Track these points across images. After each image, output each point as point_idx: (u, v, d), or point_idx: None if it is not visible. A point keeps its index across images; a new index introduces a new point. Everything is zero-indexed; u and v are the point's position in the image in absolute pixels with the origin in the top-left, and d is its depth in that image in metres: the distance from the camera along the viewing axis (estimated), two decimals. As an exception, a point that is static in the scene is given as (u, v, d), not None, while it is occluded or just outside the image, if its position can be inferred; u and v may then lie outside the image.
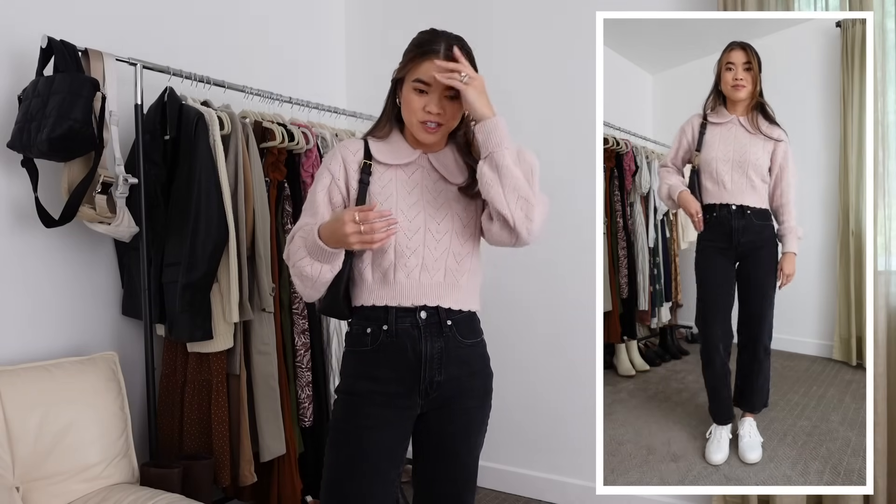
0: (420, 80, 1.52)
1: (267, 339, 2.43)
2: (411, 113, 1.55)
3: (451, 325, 1.57)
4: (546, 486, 3.02)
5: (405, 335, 1.55)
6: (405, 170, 1.61)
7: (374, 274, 1.57)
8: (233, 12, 2.88)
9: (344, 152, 1.63)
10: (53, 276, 2.25)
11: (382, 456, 1.55)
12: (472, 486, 1.67)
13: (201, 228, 2.21)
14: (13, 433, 1.88)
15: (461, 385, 1.60)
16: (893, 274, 2.38)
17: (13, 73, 2.13)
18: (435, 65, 1.50)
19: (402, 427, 1.59)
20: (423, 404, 1.59)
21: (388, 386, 1.55)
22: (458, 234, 1.59)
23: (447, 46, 1.52)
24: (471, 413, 1.64)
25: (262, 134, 2.54)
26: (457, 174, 1.62)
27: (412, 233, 1.56)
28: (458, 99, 1.53)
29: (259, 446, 2.41)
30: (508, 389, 3.08)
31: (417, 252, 1.55)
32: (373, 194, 1.59)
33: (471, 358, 1.62)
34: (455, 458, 1.63)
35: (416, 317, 1.55)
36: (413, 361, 1.55)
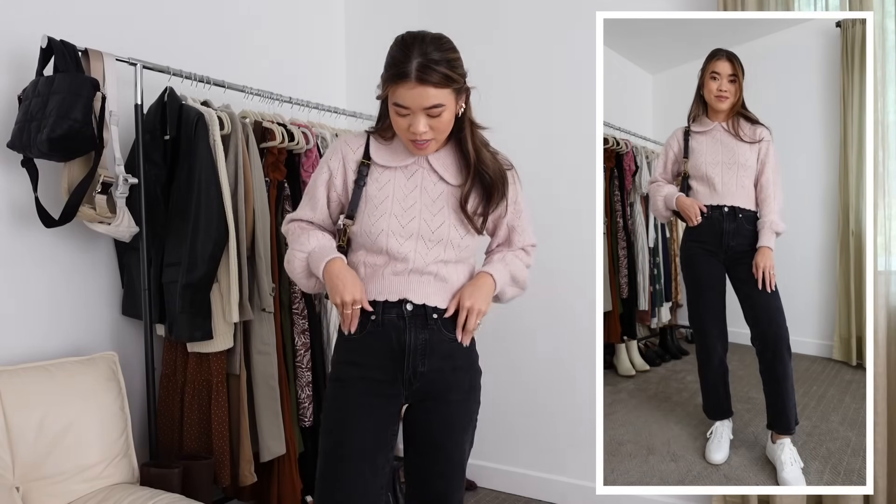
0: (398, 105, 1.48)
1: (267, 339, 2.43)
2: (399, 131, 1.54)
3: (436, 318, 1.59)
4: (546, 486, 3.02)
5: (391, 325, 1.57)
6: (405, 171, 1.61)
7: (367, 270, 1.60)
8: (233, 12, 2.88)
9: (345, 149, 1.63)
10: (53, 276, 2.25)
11: (367, 439, 1.58)
12: (458, 481, 1.67)
13: (201, 228, 2.21)
14: (13, 433, 1.88)
15: (445, 378, 1.61)
16: (893, 274, 2.38)
17: (13, 73, 2.13)
18: (408, 92, 1.44)
19: (388, 413, 1.61)
20: (408, 395, 1.61)
21: (373, 373, 1.58)
22: (453, 240, 1.59)
23: (418, 67, 1.43)
24: (454, 406, 1.64)
25: (262, 134, 2.53)
26: (456, 174, 1.62)
27: (404, 239, 1.57)
28: (444, 111, 1.49)
29: (259, 446, 2.41)
30: (508, 389, 3.08)
31: (408, 258, 1.56)
32: (369, 196, 1.59)
33: (455, 352, 1.62)
34: (440, 450, 1.63)
35: (402, 309, 1.57)
36: (397, 351, 1.57)
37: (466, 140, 1.58)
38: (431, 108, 1.47)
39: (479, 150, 1.59)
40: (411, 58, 1.44)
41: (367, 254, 1.60)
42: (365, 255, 1.60)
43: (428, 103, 1.46)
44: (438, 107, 1.47)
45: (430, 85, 1.45)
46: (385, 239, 1.56)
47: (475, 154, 1.59)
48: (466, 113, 1.58)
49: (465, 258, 1.64)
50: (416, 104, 1.46)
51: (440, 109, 1.48)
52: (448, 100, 1.49)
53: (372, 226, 1.57)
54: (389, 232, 1.56)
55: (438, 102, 1.47)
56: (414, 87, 1.44)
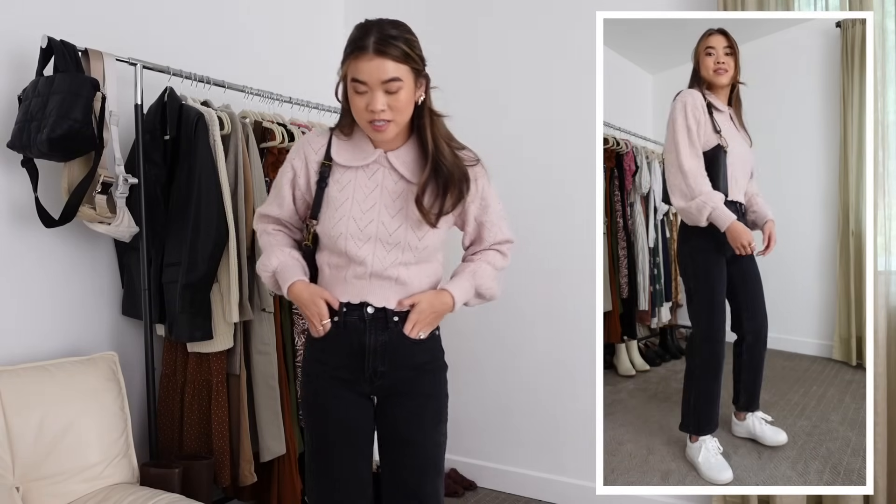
0: (356, 80, 1.50)
1: (267, 339, 2.43)
2: (357, 113, 1.54)
3: (397, 321, 1.61)
4: (546, 486, 3.02)
5: (352, 327, 1.61)
6: (366, 171, 1.61)
7: (331, 271, 1.63)
8: (233, 12, 2.88)
9: (307, 150, 1.66)
10: (53, 276, 2.25)
11: (348, 429, 1.63)
12: (432, 474, 1.67)
13: (201, 228, 2.21)
14: (13, 433, 1.88)
15: (407, 376, 1.63)
16: (893, 274, 2.38)
17: (13, 73, 2.13)
18: (366, 64, 1.46)
19: (362, 404, 1.65)
20: (371, 391, 1.65)
21: (338, 371, 1.63)
22: (411, 242, 1.59)
23: (376, 40, 1.46)
24: (420, 400, 1.65)
25: (262, 134, 2.54)
26: (416, 172, 1.60)
27: (363, 242, 1.58)
28: (402, 89, 1.50)
29: (259, 446, 2.41)
30: (508, 389, 3.09)
31: (367, 260, 1.58)
32: (330, 198, 1.61)
33: (417, 352, 1.64)
34: (409, 445, 1.64)
35: (363, 311, 1.60)
36: (357, 351, 1.61)
37: (425, 129, 1.58)
38: (389, 82, 1.47)
39: (437, 140, 1.59)
40: (370, 34, 1.48)
41: (330, 254, 1.63)
42: (328, 256, 1.63)
43: (386, 76, 1.47)
44: (396, 81, 1.48)
45: (389, 58, 1.46)
46: (344, 242, 1.57)
47: (433, 144, 1.58)
48: (426, 102, 1.59)
49: (427, 258, 1.64)
50: (374, 77, 1.47)
51: (398, 85, 1.48)
52: (406, 77, 1.49)
53: (332, 228, 1.59)
54: (348, 235, 1.57)
55: (396, 76, 1.47)
56: (372, 59, 1.46)
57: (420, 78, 1.55)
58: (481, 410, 3.15)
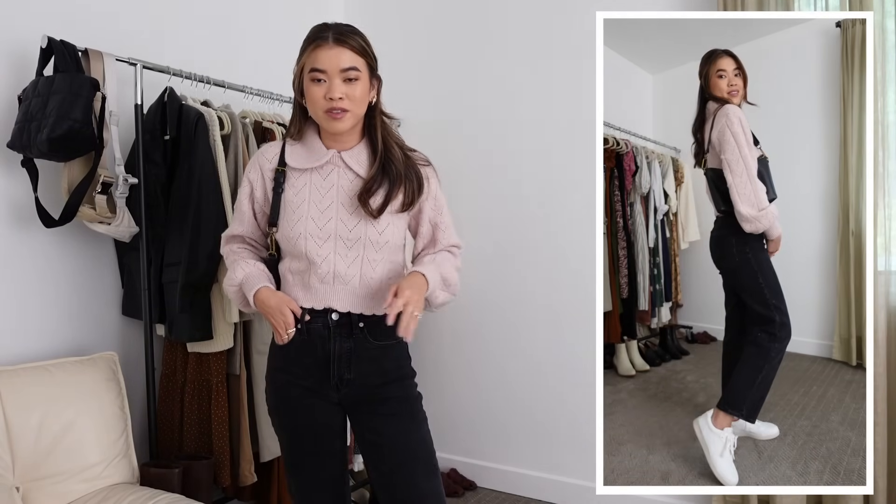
0: (315, 69, 1.53)
1: (267, 339, 2.43)
2: (314, 104, 1.55)
3: (362, 327, 1.60)
4: (546, 486, 3.02)
5: (316, 334, 1.60)
6: (320, 172, 1.62)
7: (294, 278, 1.62)
8: (233, 12, 2.88)
9: (261, 160, 1.67)
10: (53, 276, 2.25)
11: (316, 435, 1.65)
12: (423, 471, 1.64)
13: (201, 228, 2.21)
14: (13, 433, 1.88)
15: (374, 382, 1.63)
16: (893, 274, 2.38)
17: (13, 73, 2.13)
18: (326, 52, 1.51)
19: (330, 410, 1.65)
20: (339, 398, 1.64)
21: (302, 380, 1.63)
22: (371, 236, 1.59)
23: (335, 32, 1.53)
24: (391, 404, 1.64)
25: (262, 134, 2.54)
26: (370, 169, 1.61)
27: (322, 241, 1.58)
28: (359, 81, 1.53)
29: (259, 446, 2.42)
30: (508, 389, 3.09)
31: (329, 260, 1.57)
32: (286, 202, 1.61)
33: (382, 358, 1.63)
34: (392, 447, 1.62)
35: (327, 318, 1.59)
36: (322, 359, 1.61)
37: (376, 129, 1.62)
38: (348, 70, 1.52)
39: (386, 140, 1.62)
40: (328, 29, 1.55)
41: (291, 260, 1.62)
42: (290, 262, 1.63)
43: (345, 64, 1.51)
44: (354, 70, 1.52)
45: (348, 47, 1.53)
46: (304, 242, 1.57)
47: (382, 144, 1.61)
48: (378, 104, 1.63)
49: (389, 258, 1.63)
50: (333, 65, 1.51)
51: (356, 74, 1.52)
52: (363, 69, 1.54)
53: (290, 230, 1.59)
54: (307, 235, 1.57)
55: (354, 65, 1.52)
56: (332, 48, 1.52)
57: (374, 78, 1.59)
58: (481, 411, 3.15)
